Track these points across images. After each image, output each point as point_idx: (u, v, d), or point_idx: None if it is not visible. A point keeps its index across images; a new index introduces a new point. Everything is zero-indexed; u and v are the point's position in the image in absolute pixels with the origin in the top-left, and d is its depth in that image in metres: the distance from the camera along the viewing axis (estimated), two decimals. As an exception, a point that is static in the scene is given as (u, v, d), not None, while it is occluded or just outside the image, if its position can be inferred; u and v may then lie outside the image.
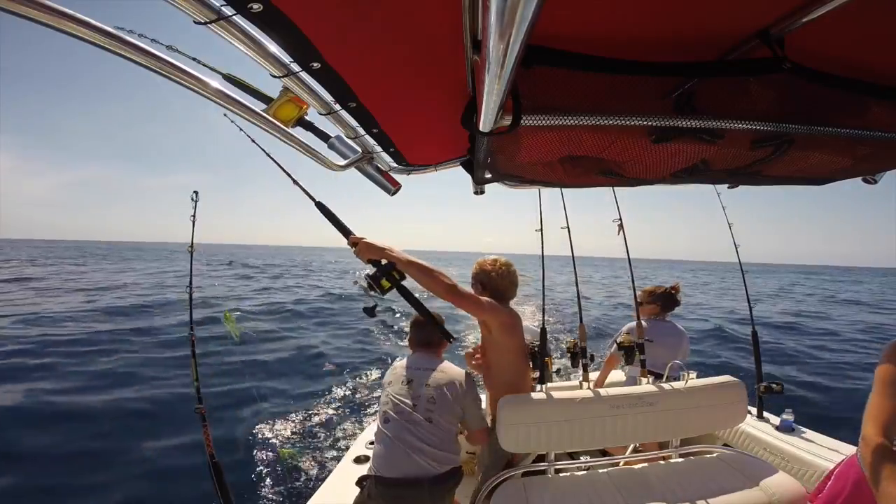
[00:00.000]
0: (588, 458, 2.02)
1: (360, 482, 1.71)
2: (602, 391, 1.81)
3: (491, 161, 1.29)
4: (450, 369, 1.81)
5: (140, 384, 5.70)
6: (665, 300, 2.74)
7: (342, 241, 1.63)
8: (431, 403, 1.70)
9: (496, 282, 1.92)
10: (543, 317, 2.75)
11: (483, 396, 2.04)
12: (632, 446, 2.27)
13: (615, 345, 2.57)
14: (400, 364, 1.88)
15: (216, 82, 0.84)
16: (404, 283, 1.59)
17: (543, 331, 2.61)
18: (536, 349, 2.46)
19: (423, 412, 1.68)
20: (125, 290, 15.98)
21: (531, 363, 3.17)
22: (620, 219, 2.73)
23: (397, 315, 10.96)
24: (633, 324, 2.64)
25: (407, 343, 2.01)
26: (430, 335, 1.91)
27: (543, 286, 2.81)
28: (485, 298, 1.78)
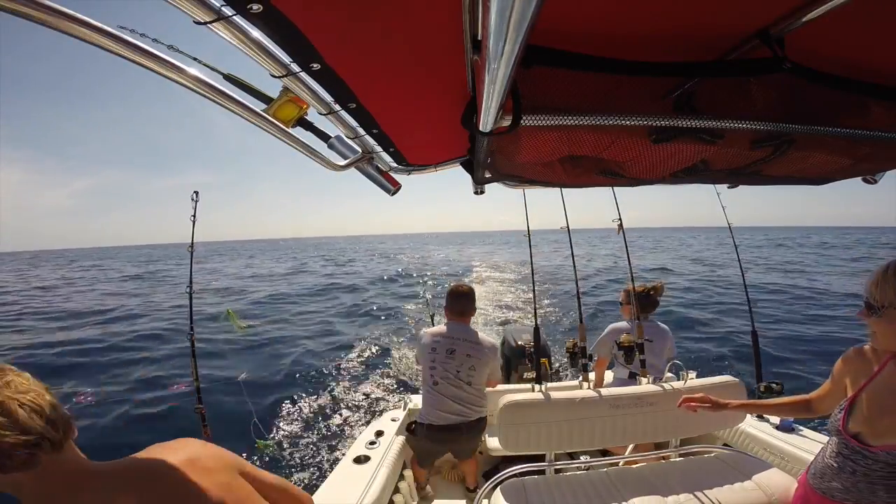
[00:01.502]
0: (588, 457, 2.02)
1: (410, 427, 2.35)
2: (602, 391, 1.81)
3: (491, 161, 1.29)
4: (484, 340, 2.26)
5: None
6: (642, 301, 2.66)
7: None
8: (472, 371, 2.19)
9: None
10: (535, 316, 2.75)
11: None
12: (631, 446, 2.27)
13: (615, 345, 2.57)
14: (439, 332, 2.26)
15: (216, 82, 0.84)
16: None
17: (537, 330, 2.62)
18: (532, 349, 2.48)
19: (465, 377, 2.19)
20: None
21: (528, 363, 3.20)
22: (620, 218, 2.72)
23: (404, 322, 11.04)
24: (618, 324, 2.61)
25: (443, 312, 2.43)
26: (464, 306, 2.30)
27: (534, 285, 2.81)
28: None
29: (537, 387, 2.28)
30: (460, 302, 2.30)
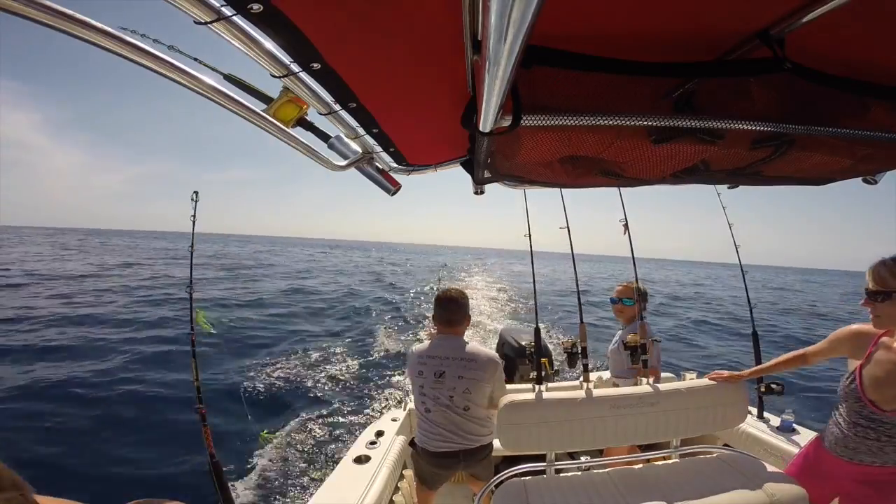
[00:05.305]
0: (588, 458, 2.02)
1: (413, 442, 2.05)
2: (602, 391, 1.81)
3: (491, 161, 1.29)
4: (480, 354, 1.89)
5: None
6: (643, 298, 2.56)
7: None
8: (467, 394, 1.85)
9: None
10: (536, 317, 2.75)
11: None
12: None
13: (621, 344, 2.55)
14: (426, 350, 1.94)
15: (216, 82, 0.84)
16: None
17: (537, 330, 2.62)
18: (532, 349, 2.46)
19: (460, 403, 1.85)
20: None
21: (528, 363, 3.16)
22: (626, 219, 2.69)
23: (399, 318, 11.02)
24: (636, 324, 2.61)
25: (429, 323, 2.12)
26: (452, 314, 1.95)
27: (535, 285, 2.80)
28: None
29: (537, 387, 2.28)
30: (447, 309, 1.95)
